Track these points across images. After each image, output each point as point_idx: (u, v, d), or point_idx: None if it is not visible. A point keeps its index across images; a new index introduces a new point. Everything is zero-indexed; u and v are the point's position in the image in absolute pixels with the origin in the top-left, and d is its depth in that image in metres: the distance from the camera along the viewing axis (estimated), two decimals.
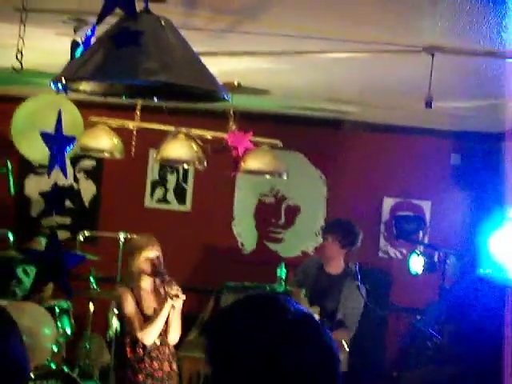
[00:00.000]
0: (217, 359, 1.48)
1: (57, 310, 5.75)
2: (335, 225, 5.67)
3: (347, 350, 5.23)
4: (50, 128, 5.51)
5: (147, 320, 4.50)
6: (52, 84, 2.07)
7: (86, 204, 7.30)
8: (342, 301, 5.35)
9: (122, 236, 5.98)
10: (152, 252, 4.58)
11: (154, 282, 4.66)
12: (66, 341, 5.83)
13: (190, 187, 7.13)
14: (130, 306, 4.52)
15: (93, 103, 5.90)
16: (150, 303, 4.59)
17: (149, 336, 4.46)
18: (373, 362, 6.55)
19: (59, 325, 5.69)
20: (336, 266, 5.53)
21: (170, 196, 7.16)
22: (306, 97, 5.55)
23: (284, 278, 6.56)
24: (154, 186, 7.18)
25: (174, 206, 7.17)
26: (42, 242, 6.27)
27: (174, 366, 4.68)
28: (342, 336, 5.20)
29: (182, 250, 7.09)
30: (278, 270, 6.61)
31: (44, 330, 5.51)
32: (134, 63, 1.97)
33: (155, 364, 4.50)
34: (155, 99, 2.39)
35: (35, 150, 5.72)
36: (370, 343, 6.24)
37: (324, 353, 1.46)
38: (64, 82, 2.00)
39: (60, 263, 2.57)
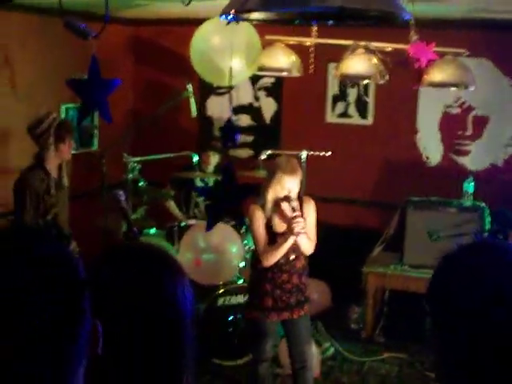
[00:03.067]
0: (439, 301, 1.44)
1: (243, 227, 5.91)
2: None
3: None
4: (224, 48, 5.58)
5: (277, 236, 4.42)
6: (221, 16, 2.02)
7: (268, 122, 7.34)
8: None
9: (303, 154, 5.97)
10: (291, 181, 4.33)
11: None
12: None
13: (371, 100, 6.95)
14: (256, 224, 4.44)
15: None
16: (281, 222, 4.46)
17: (267, 260, 4.40)
18: None
19: (245, 242, 5.85)
20: None
21: (352, 110, 7.03)
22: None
23: (472, 191, 6.33)
24: (335, 100, 7.06)
25: (356, 119, 7.03)
26: (212, 156, 6.44)
27: (304, 279, 4.56)
28: None
29: (365, 165, 7.00)
30: (465, 184, 6.37)
31: (231, 247, 5.69)
32: None
33: (284, 276, 4.46)
34: (330, 23, 2.27)
35: (213, 72, 5.77)
36: None
37: None
38: (233, 14, 1.93)
39: (233, 196, 2.54)
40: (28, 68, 6.12)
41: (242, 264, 5.73)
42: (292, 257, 4.45)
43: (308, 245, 4.46)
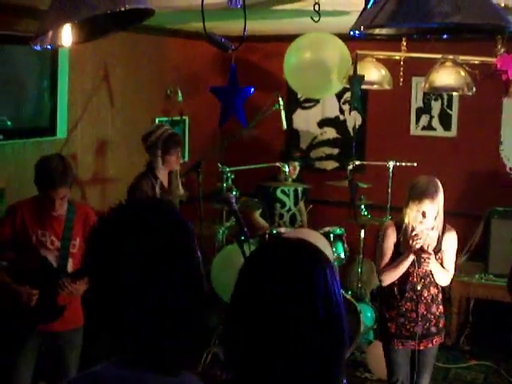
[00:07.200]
0: None
1: (331, 235, 6.09)
2: None
3: None
4: (318, 63, 5.81)
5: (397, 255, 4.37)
6: (351, 32, 2.24)
7: (352, 134, 7.50)
8: None
9: (390, 165, 6.13)
10: (426, 206, 4.20)
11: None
12: (340, 265, 6.14)
13: (455, 113, 7.06)
14: (386, 242, 4.40)
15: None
16: (407, 243, 4.32)
17: (384, 277, 4.37)
18: None
19: (334, 250, 6.02)
20: None
21: (435, 123, 7.15)
22: None
23: None
24: (419, 113, 7.20)
25: (440, 132, 7.15)
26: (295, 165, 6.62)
27: (434, 309, 4.40)
28: None
29: (449, 176, 7.07)
30: None
31: None
32: (428, 7, 2.06)
33: (408, 304, 4.36)
34: (445, 36, 2.47)
35: (305, 85, 5.99)
36: None
37: None
38: (363, 30, 2.16)
39: None
40: (124, 84, 6.46)
41: None
42: (419, 286, 4.33)
43: (442, 275, 4.35)
